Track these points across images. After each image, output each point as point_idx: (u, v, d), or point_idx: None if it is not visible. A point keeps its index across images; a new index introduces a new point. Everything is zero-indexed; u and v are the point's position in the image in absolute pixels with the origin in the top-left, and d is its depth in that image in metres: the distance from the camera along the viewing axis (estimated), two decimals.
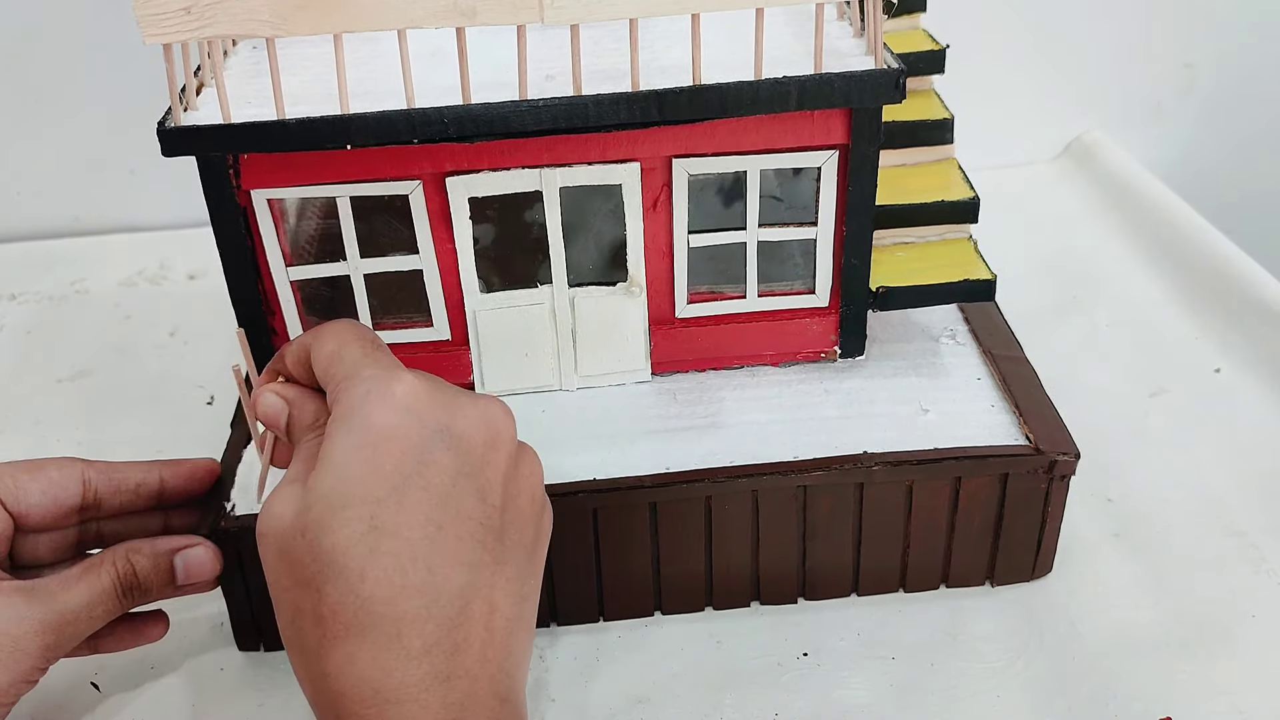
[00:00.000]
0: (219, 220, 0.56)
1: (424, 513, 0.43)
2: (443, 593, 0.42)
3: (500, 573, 0.45)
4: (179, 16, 0.47)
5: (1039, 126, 1.06)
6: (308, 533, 0.43)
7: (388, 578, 0.42)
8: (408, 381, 0.45)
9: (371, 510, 0.42)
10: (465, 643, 0.43)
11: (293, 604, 0.43)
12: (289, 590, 0.44)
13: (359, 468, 0.43)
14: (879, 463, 0.57)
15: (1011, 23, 0.99)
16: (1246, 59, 1.04)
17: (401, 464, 0.43)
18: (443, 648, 0.42)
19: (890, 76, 0.53)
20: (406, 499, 0.43)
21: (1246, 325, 0.79)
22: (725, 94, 0.53)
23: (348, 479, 0.43)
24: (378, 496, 0.43)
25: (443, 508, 0.43)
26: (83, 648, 0.53)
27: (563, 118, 0.52)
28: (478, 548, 0.44)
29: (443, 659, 0.42)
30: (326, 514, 0.42)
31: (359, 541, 0.42)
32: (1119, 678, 0.57)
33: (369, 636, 0.41)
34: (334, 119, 0.51)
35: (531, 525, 0.47)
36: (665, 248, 0.59)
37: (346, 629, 0.42)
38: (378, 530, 0.42)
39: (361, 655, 0.41)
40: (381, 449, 0.43)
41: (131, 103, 0.90)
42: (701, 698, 0.57)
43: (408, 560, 0.42)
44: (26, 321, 0.89)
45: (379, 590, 0.42)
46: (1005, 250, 0.68)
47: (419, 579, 0.42)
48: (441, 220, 0.57)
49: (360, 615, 0.42)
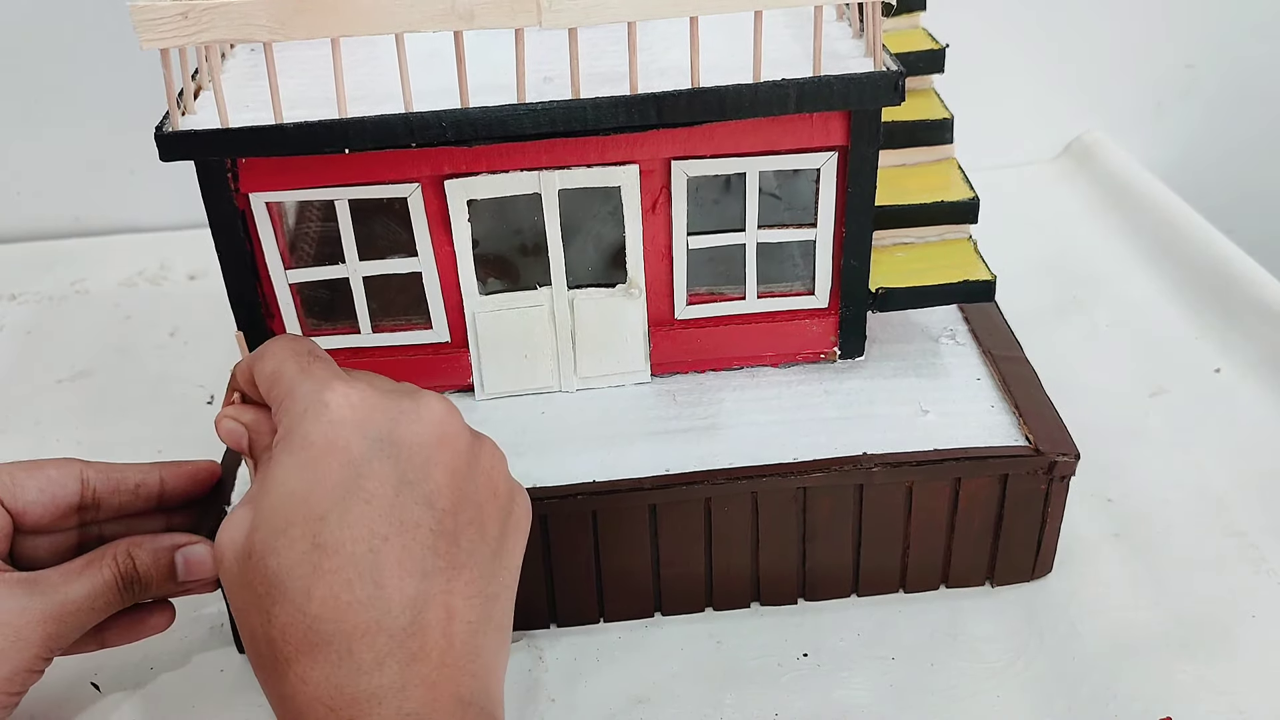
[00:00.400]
0: (217, 224, 0.56)
1: (367, 526, 0.42)
2: (392, 604, 0.42)
3: (457, 577, 0.44)
4: (176, 21, 0.47)
5: (1039, 126, 1.06)
6: (254, 555, 0.43)
7: (334, 595, 0.42)
8: (341, 392, 0.44)
9: (314, 529, 0.42)
10: (421, 651, 0.42)
11: (249, 625, 0.44)
12: (244, 612, 0.44)
13: (299, 486, 0.43)
14: (879, 464, 0.57)
15: (1011, 22, 0.99)
16: (1246, 59, 1.04)
17: (341, 478, 0.43)
18: (396, 658, 0.42)
19: (889, 79, 0.53)
20: (349, 514, 0.42)
21: (1246, 325, 0.79)
22: (724, 96, 0.52)
23: (289, 499, 0.43)
24: (319, 514, 0.42)
25: (387, 519, 0.43)
26: (90, 642, 0.54)
27: (561, 121, 0.52)
28: (429, 555, 0.43)
29: (397, 670, 0.42)
30: (270, 536, 0.42)
31: (303, 561, 0.42)
32: (1119, 678, 0.57)
33: (320, 654, 0.41)
34: (332, 123, 0.51)
35: (495, 521, 0.46)
36: (664, 249, 0.59)
37: (297, 649, 0.42)
38: (321, 549, 0.42)
39: (314, 674, 0.41)
40: (320, 465, 0.43)
41: (132, 102, 0.90)
42: (701, 698, 0.57)
43: (353, 575, 0.42)
44: (26, 321, 0.89)
45: (325, 609, 0.42)
46: (1005, 250, 0.68)
47: (366, 593, 0.42)
48: (440, 223, 0.57)
49: (309, 634, 0.41)
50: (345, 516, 0.42)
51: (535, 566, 0.58)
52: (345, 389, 0.44)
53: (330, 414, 0.44)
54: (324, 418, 0.44)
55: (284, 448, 0.44)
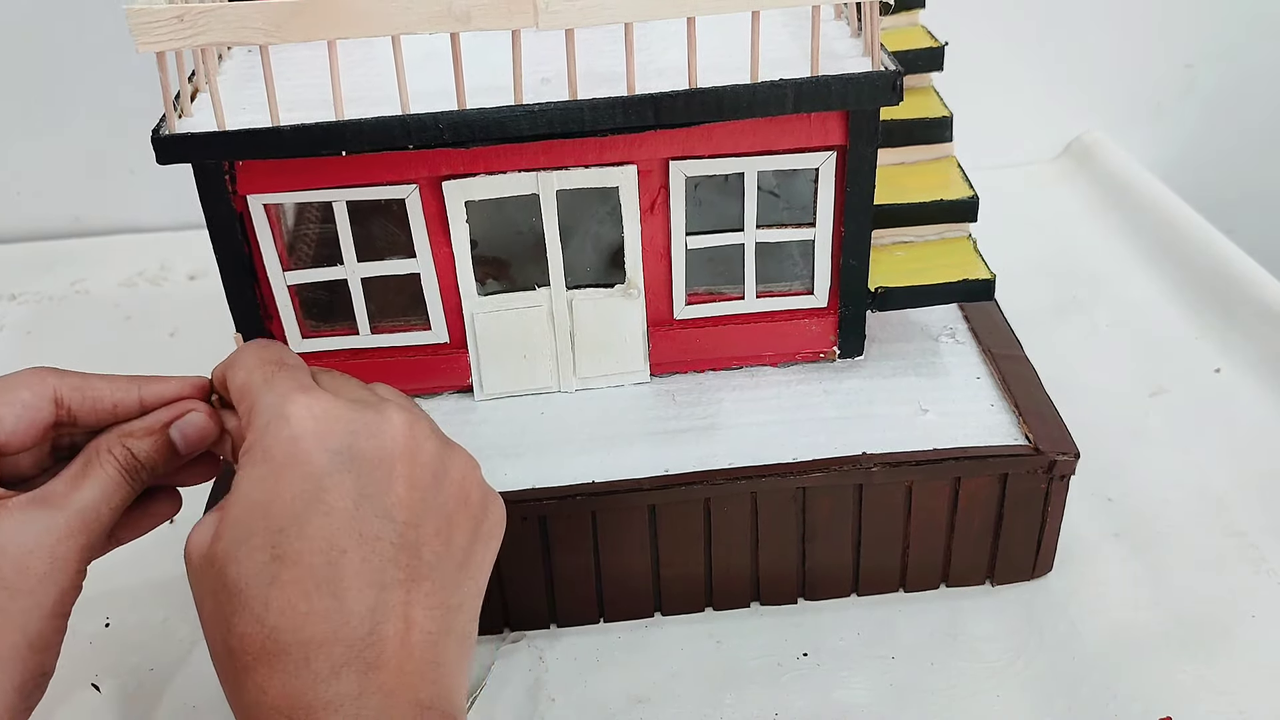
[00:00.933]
0: (215, 226, 0.56)
1: (326, 538, 0.42)
2: (351, 615, 0.42)
3: (417, 588, 0.44)
4: (172, 25, 0.47)
5: (1039, 126, 1.05)
6: (216, 563, 0.43)
7: (292, 606, 0.42)
8: (302, 404, 0.44)
9: (273, 540, 0.42)
10: (379, 660, 0.42)
11: (211, 633, 0.44)
12: (209, 620, 0.44)
13: (260, 497, 0.43)
14: (878, 463, 0.57)
15: (1011, 21, 0.98)
16: (1246, 59, 1.03)
17: (301, 491, 0.43)
18: (354, 668, 0.42)
19: (887, 78, 0.53)
20: (308, 526, 0.42)
21: (1246, 325, 0.79)
22: (722, 97, 0.52)
23: (251, 510, 0.43)
24: (279, 526, 0.42)
25: (346, 531, 0.43)
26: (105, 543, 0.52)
27: (558, 122, 0.52)
28: (388, 566, 0.43)
29: (354, 678, 0.41)
30: (231, 545, 0.43)
31: (262, 571, 0.42)
32: (1119, 678, 0.57)
33: (278, 664, 0.41)
34: (329, 125, 0.51)
35: (464, 531, 0.46)
36: (663, 249, 0.59)
37: (256, 658, 0.42)
38: (280, 560, 0.42)
39: (273, 683, 0.41)
40: (281, 478, 0.43)
41: (131, 103, 0.90)
42: (701, 698, 0.57)
43: (311, 587, 0.42)
44: (26, 321, 0.89)
45: (284, 619, 0.42)
46: (1005, 250, 0.68)
47: (323, 605, 0.42)
48: (438, 224, 0.57)
49: (268, 644, 0.41)
50: (305, 529, 0.42)
51: (535, 566, 0.58)
52: (307, 401, 0.44)
53: (291, 427, 0.44)
54: (284, 431, 0.44)
55: (248, 459, 0.44)
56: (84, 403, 0.51)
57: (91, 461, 0.49)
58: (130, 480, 0.49)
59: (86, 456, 0.49)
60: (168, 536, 0.60)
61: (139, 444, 0.49)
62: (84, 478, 0.48)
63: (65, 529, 0.47)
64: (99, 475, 0.48)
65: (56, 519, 0.47)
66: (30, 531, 0.46)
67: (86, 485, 0.48)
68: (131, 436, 0.50)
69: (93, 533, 0.48)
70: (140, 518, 0.53)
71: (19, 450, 0.50)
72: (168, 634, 0.61)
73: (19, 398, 0.50)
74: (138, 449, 0.49)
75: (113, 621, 0.62)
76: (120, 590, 0.63)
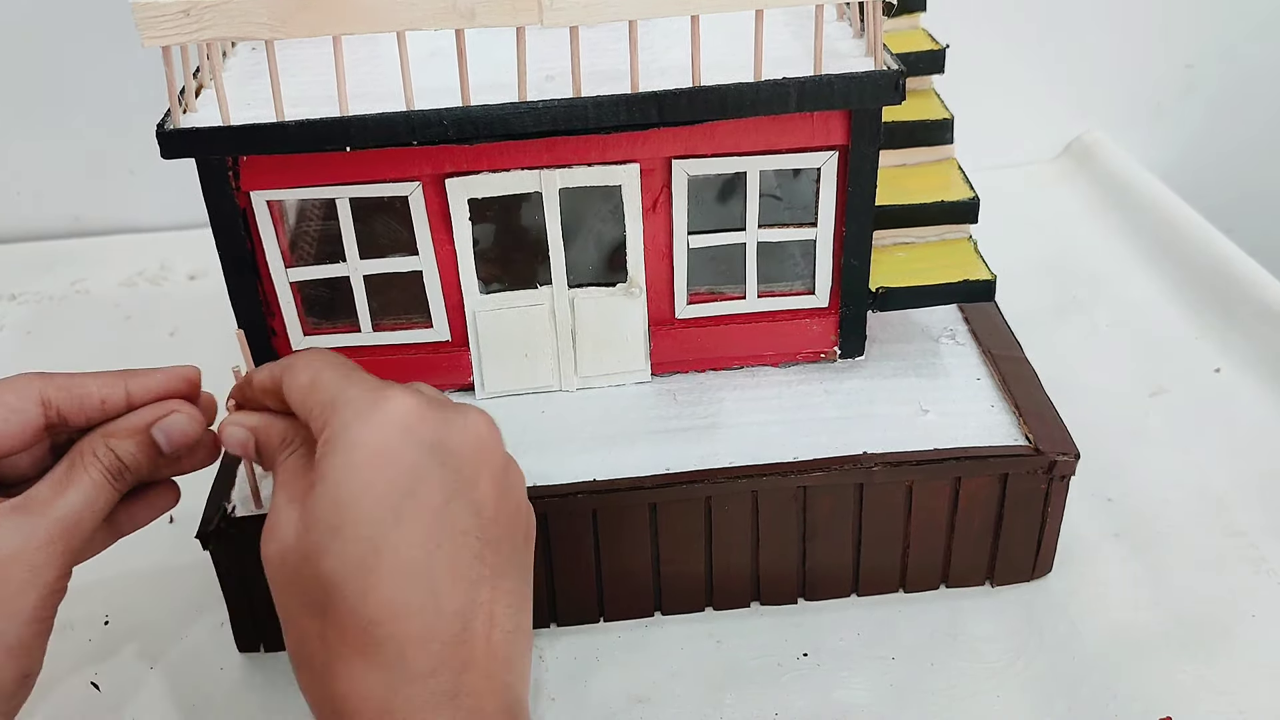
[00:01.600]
0: (219, 222, 0.56)
1: (422, 531, 0.43)
2: (444, 611, 0.42)
3: (499, 586, 0.44)
4: (177, 19, 0.47)
5: (1039, 126, 1.06)
6: (309, 557, 0.43)
7: (389, 599, 0.42)
8: (397, 399, 0.44)
9: (370, 532, 0.42)
10: (470, 660, 0.42)
11: (299, 626, 0.43)
12: (294, 612, 0.44)
13: (354, 489, 0.43)
14: (879, 463, 0.57)
15: (1012, 23, 0.99)
16: (1246, 59, 1.04)
17: (396, 483, 0.43)
18: (449, 667, 0.42)
19: (890, 78, 0.53)
20: (403, 519, 0.43)
21: (1246, 325, 0.79)
22: (725, 95, 0.53)
23: (344, 501, 0.43)
24: (375, 518, 0.42)
25: (439, 526, 0.43)
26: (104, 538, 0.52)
27: (562, 119, 0.52)
28: (476, 563, 0.44)
29: (449, 678, 0.42)
30: (325, 537, 0.42)
31: (359, 564, 0.42)
32: (1119, 678, 0.57)
33: (375, 658, 0.41)
34: (333, 121, 0.51)
35: (520, 534, 0.47)
36: (665, 248, 0.59)
37: (353, 650, 0.42)
38: (377, 552, 0.42)
39: (370, 677, 0.41)
40: (376, 469, 0.43)
41: (131, 103, 0.91)
42: (701, 698, 0.57)
43: (408, 581, 0.42)
44: (26, 321, 0.89)
45: (382, 612, 0.42)
46: (1005, 250, 0.68)
47: (420, 600, 0.42)
48: (441, 221, 0.57)
49: (364, 637, 0.42)
50: (401, 521, 0.42)
51: (535, 566, 0.57)
52: (398, 396, 0.44)
53: (384, 419, 0.44)
54: (376, 422, 0.44)
55: (334, 449, 0.44)
56: (71, 402, 0.50)
57: (75, 465, 0.49)
58: (115, 482, 0.49)
59: (70, 460, 0.49)
60: (167, 535, 0.60)
61: (122, 445, 0.49)
62: (67, 483, 0.48)
63: (45, 536, 0.47)
64: (82, 480, 0.48)
65: (37, 526, 0.47)
66: (10, 540, 0.46)
67: (69, 491, 0.48)
68: (114, 437, 0.50)
69: (75, 538, 0.48)
70: (139, 510, 0.53)
71: (10, 454, 0.50)
72: (167, 633, 0.61)
73: (3, 402, 0.49)
74: (121, 450, 0.49)
75: (112, 620, 0.62)
76: (120, 589, 0.63)
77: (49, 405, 0.50)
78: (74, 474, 0.49)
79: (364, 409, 0.44)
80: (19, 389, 0.50)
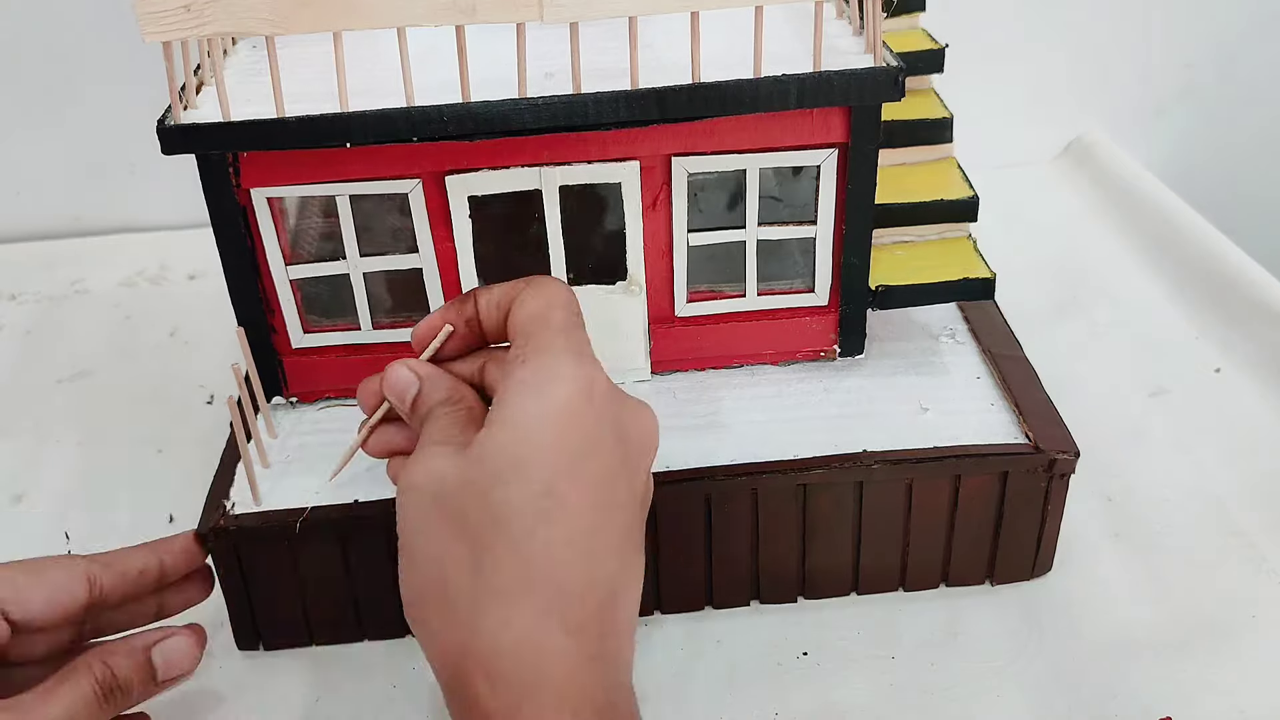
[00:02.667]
0: (219, 219, 0.56)
1: (591, 494, 0.44)
2: (598, 575, 0.43)
3: (635, 564, 0.46)
4: (178, 14, 0.47)
5: (1039, 126, 1.06)
6: (479, 484, 0.43)
7: (553, 546, 0.42)
8: (593, 370, 0.46)
9: (549, 476, 0.43)
10: (611, 628, 0.44)
11: (441, 557, 0.43)
12: (442, 543, 0.44)
13: (543, 434, 0.43)
14: (879, 461, 0.57)
15: (1011, 22, 0.99)
16: (1246, 59, 1.04)
17: (582, 443, 0.44)
18: (592, 629, 0.43)
19: (890, 74, 0.53)
20: (581, 476, 0.44)
21: (1246, 325, 0.79)
22: (725, 92, 0.53)
23: (531, 442, 0.43)
24: (556, 466, 0.43)
25: (607, 492, 0.44)
26: None
27: (562, 116, 0.52)
28: (625, 536, 0.45)
29: (594, 640, 0.42)
30: (507, 469, 0.43)
31: (533, 504, 0.43)
32: (1119, 678, 0.57)
33: (528, 600, 0.42)
34: (333, 117, 0.51)
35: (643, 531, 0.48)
36: (665, 246, 0.59)
37: (507, 586, 0.42)
38: (552, 495, 0.43)
39: (520, 618, 0.42)
40: (567, 423, 0.44)
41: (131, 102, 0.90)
42: (701, 697, 0.56)
43: (575, 533, 0.43)
44: (26, 321, 0.89)
45: (544, 556, 0.42)
46: (1005, 250, 0.68)
47: (580, 556, 0.43)
48: (441, 218, 0.57)
49: (523, 576, 0.42)
50: (578, 477, 0.43)
51: None
52: (595, 369, 0.46)
53: (583, 384, 0.45)
54: (577, 385, 0.45)
55: (531, 392, 0.44)
56: (113, 577, 0.52)
57: (67, 678, 0.49)
58: (105, 699, 0.49)
59: (63, 672, 0.49)
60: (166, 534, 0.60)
61: (120, 663, 0.50)
62: (55, 692, 0.48)
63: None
64: (71, 690, 0.48)
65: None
66: None
67: (54, 700, 0.48)
68: (114, 655, 0.50)
69: None
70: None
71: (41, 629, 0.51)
72: None
73: (51, 580, 0.51)
74: (118, 668, 0.50)
75: None
76: None
77: (94, 584, 0.52)
78: (63, 686, 0.48)
79: (568, 367, 0.45)
80: (66, 566, 0.51)
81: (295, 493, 0.56)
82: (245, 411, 0.56)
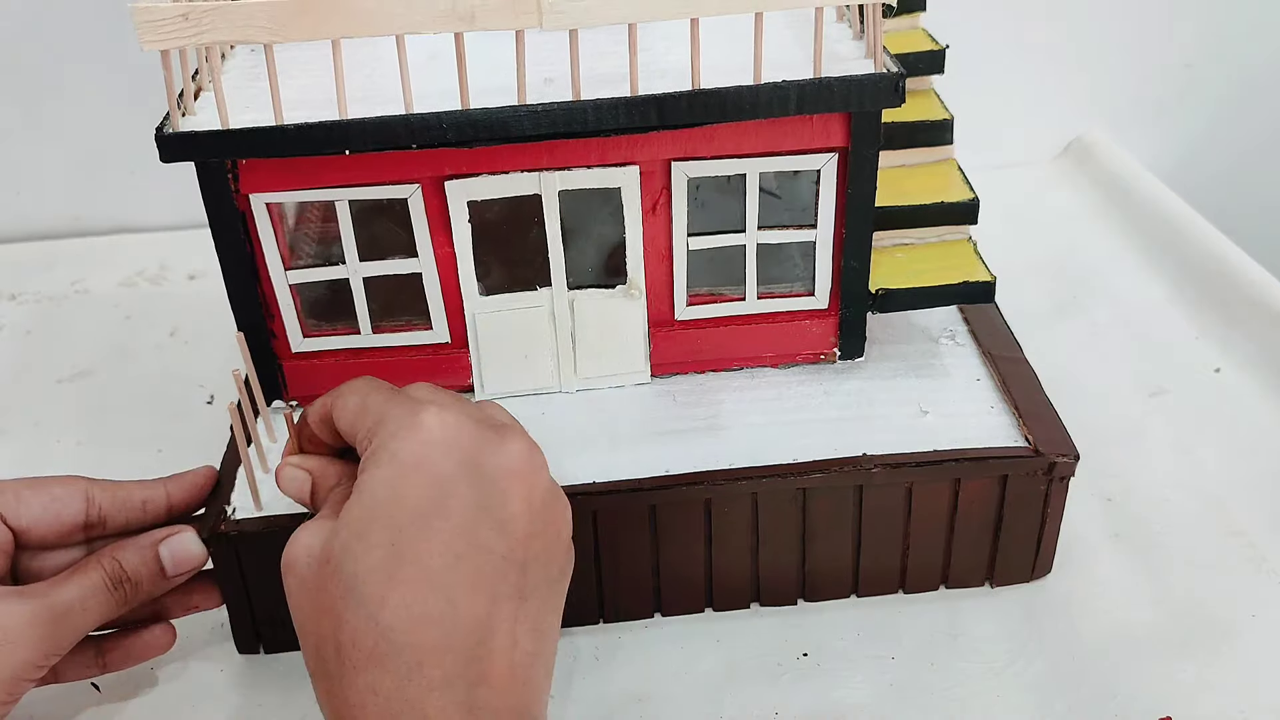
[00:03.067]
0: (218, 224, 0.56)
1: (444, 542, 0.43)
2: (461, 623, 0.43)
3: (523, 607, 0.45)
4: (176, 23, 0.47)
5: (1039, 126, 1.06)
6: (332, 559, 0.43)
7: (406, 606, 0.42)
8: (434, 414, 0.45)
9: (393, 536, 0.43)
10: (486, 676, 0.43)
11: (316, 632, 0.44)
12: (312, 618, 0.44)
13: (384, 496, 0.44)
14: (878, 464, 0.57)
15: (1011, 23, 0.99)
16: (1246, 59, 1.04)
17: (426, 494, 0.44)
18: (464, 679, 0.42)
19: (890, 80, 0.53)
20: (428, 528, 0.43)
21: (1246, 325, 0.79)
22: (725, 98, 0.52)
23: (372, 508, 0.44)
24: (400, 524, 0.43)
25: (462, 538, 0.44)
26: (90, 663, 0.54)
27: (561, 123, 0.52)
28: (498, 580, 0.44)
29: (464, 690, 0.42)
30: (351, 540, 0.43)
31: (379, 567, 0.42)
32: (1119, 678, 0.57)
33: (389, 665, 0.42)
34: (332, 124, 0.51)
35: (558, 564, 0.48)
36: (664, 250, 0.59)
37: (367, 657, 0.42)
38: (399, 557, 0.43)
39: (384, 684, 0.42)
40: (407, 479, 0.44)
41: (131, 102, 0.91)
42: (701, 698, 0.57)
43: (427, 589, 0.42)
44: (26, 321, 0.89)
45: (398, 618, 0.42)
46: (1005, 251, 0.68)
47: (438, 609, 0.42)
48: (440, 224, 0.57)
49: (380, 643, 0.42)
50: (425, 529, 0.43)
51: None
52: (439, 412, 0.45)
53: (423, 434, 0.45)
54: (416, 437, 0.45)
55: (373, 462, 0.45)
56: (114, 502, 0.54)
57: (80, 568, 0.51)
58: (114, 589, 0.51)
59: (77, 565, 0.52)
60: None
61: (128, 556, 0.52)
62: (67, 579, 0.51)
63: (29, 616, 0.48)
64: (81, 578, 0.51)
65: (24, 605, 0.49)
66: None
67: (67, 585, 0.50)
68: (123, 549, 0.52)
69: (61, 627, 0.49)
70: (134, 646, 0.55)
71: (43, 543, 0.53)
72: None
73: (50, 491, 0.53)
74: (126, 561, 0.52)
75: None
76: None
77: (92, 502, 0.53)
78: (76, 575, 0.51)
79: (404, 425, 0.45)
80: (66, 483, 0.54)
81: None
82: (245, 415, 0.56)
